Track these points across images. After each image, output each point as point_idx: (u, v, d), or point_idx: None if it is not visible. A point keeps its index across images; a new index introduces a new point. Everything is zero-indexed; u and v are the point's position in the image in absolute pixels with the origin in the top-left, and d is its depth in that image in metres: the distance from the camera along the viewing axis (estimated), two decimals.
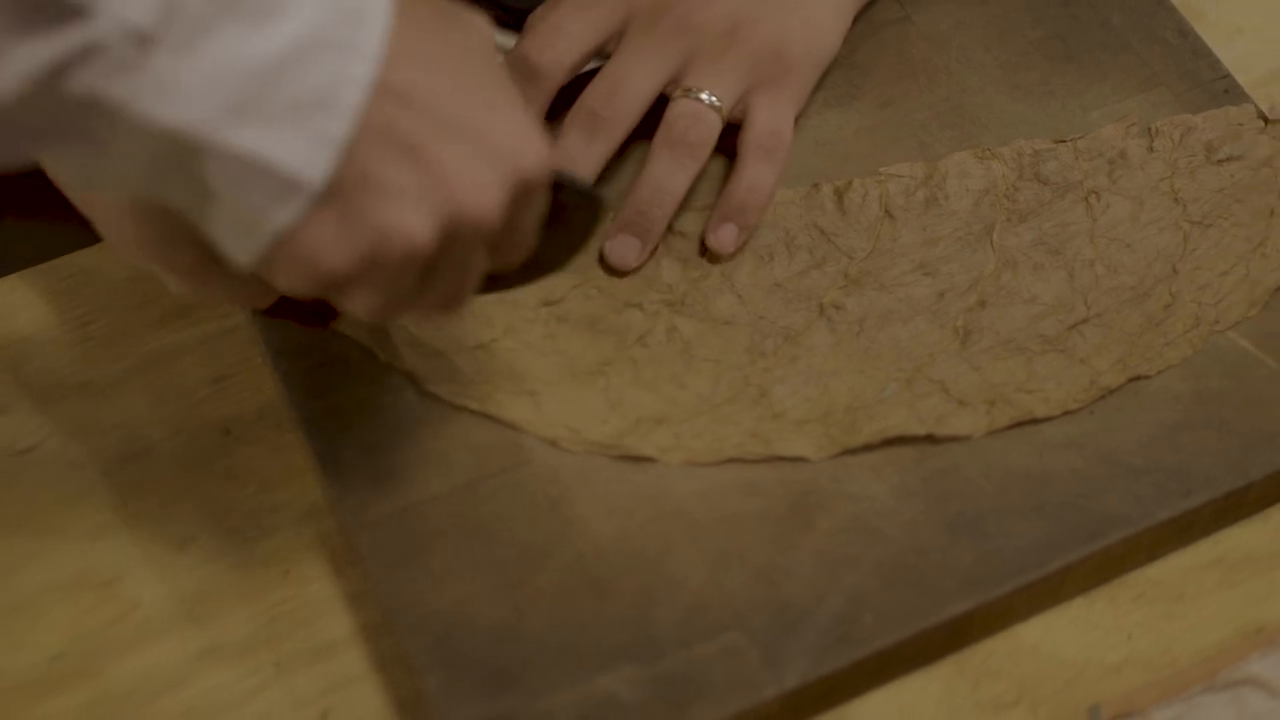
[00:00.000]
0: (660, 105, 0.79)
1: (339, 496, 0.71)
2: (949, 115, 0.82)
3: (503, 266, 0.65)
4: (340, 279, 0.59)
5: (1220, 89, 0.83)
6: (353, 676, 0.71)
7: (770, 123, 0.78)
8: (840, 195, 0.79)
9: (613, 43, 0.79)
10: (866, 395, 0.73)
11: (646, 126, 0.79)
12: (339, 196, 0.57)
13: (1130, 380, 0.74)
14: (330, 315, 0.72)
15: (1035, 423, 0.73)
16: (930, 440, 0.72)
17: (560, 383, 0.74)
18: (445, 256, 0.61)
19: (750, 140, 0.78)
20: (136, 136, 0.55)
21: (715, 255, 0.77)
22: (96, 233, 0.68)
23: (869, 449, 0.72)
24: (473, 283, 0.64)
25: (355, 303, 0.62)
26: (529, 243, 0.65)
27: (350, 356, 0.75)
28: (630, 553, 0.70)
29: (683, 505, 0.71)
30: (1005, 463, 0.72)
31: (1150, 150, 0.80)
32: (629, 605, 0.69)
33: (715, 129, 0.78)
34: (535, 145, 0.61)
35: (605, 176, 0.80)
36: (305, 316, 0.71)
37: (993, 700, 0.70)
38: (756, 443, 0.72)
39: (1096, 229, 0.78)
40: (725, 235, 0.77)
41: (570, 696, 0.66)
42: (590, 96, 0.78)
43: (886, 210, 0.78)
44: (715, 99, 0.78)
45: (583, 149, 0.78)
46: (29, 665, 0.71)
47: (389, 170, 0.58)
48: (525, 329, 0.75)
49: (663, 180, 0.77)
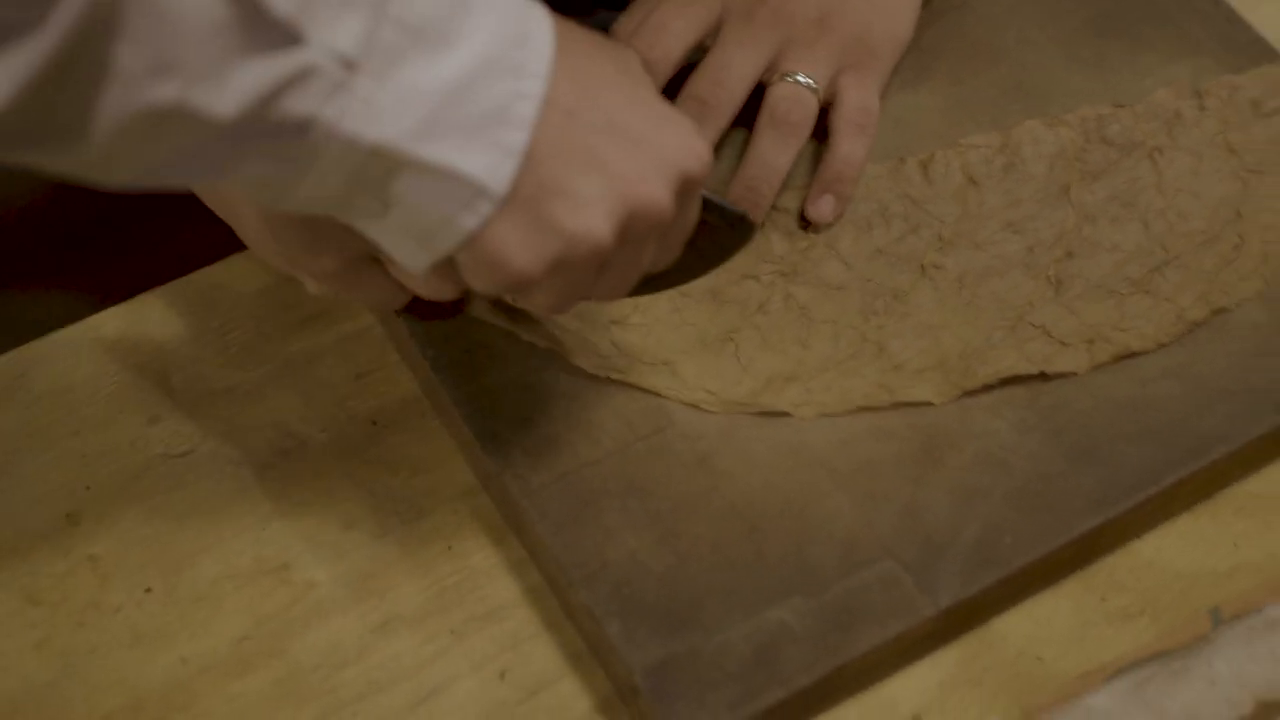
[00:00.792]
0: (754, 94, 0.85)
1: (500, 469, 0.76)
2: (1014, 91, 0.88)
3: (658, 265, 0.71)
4: (528, 279, 0.64)
5: (1257, 50, 0.90)
6: (524, 636, 0.75)
7: (860, 101, 0.84)
8: (925, 167, 0.85)
9: (710, 37, 0.85)
10: (976, 343, 0.79)
11: (742, 115, 0.85)
12: (525, 203, 0.62)
13: (1213, 313, 0.80)
14: (456, 310, 0.77)
15: (1132, 356, 0.79)
16: (1041, 378, 0.78)
17: (693, 351, 0.79)
18: (619, 252, 0.66)
19: (843, 117, 0.84)
20: (340, 155, 0.59)
21: (815, 225, 0.83)
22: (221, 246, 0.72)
23: (986, 390, 0.78)
24: (637, 277, 0.69)
25: (535, 300, 0.67)
26: (685, 240, 0.70)
27: (493, 341, 0.79)
28: (779, 500, 0.75)
29: (821, 454, 0.76)
30: (1111, 394, 0.78)
31: (1202, 109, 0.87)
32: (785, 546, 0.74)
33: (814, 109, 0.84)
34: (698, 146, 0.67)
35: None
36: (432, 313, 0.77)
37: (1120, 611, 0.75)
38: (882, 392, 0.78)
39: (1163, 182, 0.84)
40: (824, 206, 0.83)
41: (744, 630, 0.71)
42: (696, 85, 0.84)
43: (970, 178, 0.84)
44: (812, 81, 0.84)
45: None
46: (216, 649, 0.74)
47: (570, 177, 0.63)
48: (652, 306, 0.80)
49: (769, 158, 0.83)
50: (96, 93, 0.53)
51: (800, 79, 0.84)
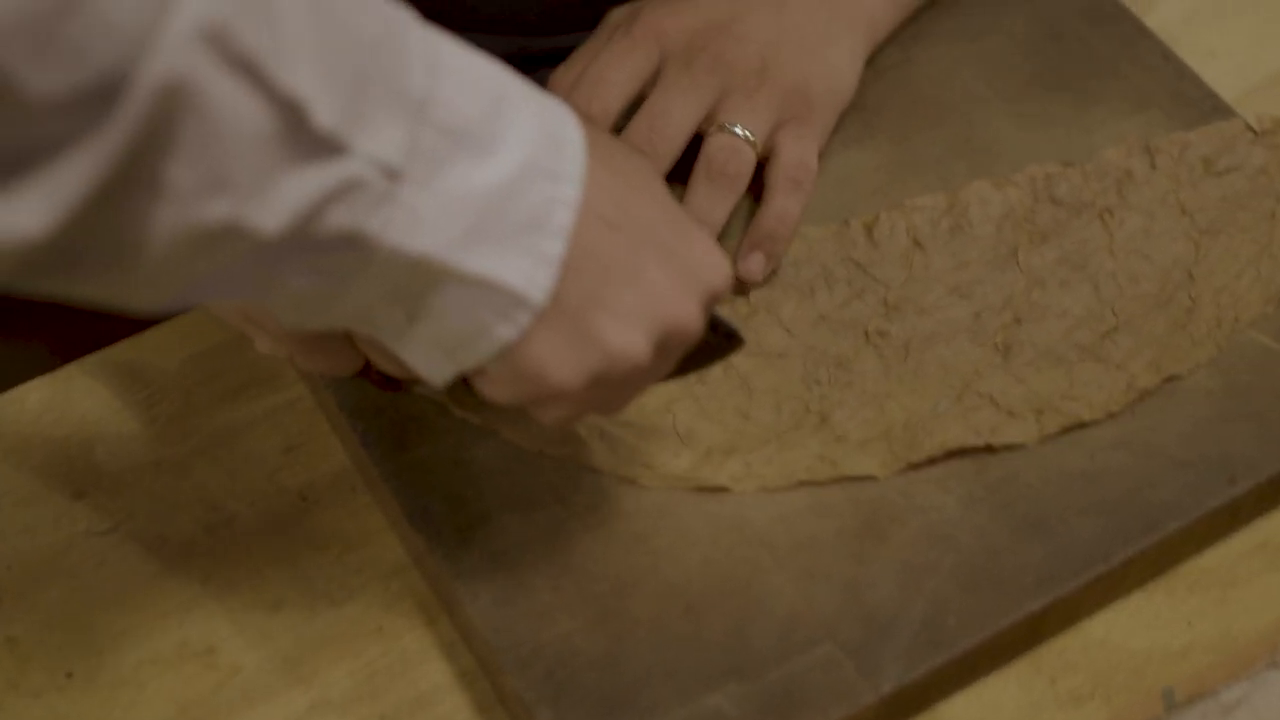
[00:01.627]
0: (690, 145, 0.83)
1: (430, 548, 0.73)
2: (960, 148, 0.86)
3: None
4: (564, 394, 0.63)
5: (1208, 106, 0.88)
6: None
7: (797, 156, 0.82)
8: (869, 229, 0.83)
9: (650, 85, 0.83)
10: (921, 412, 0.77)
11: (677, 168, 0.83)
12: (566, 315, 0.61)
13: (1165, 380, 0.78)
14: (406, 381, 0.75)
15: (1083, 427, 0.77)
16: (988, 450, 0.76)
17: (630, 423, 0.77)
18: (648, 369, 0.65)
19: (779, 172, 0.82)
20: (383, 268, 0.57)
21: (744, 284, 0.81)
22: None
23: (931, 463, 0.76)
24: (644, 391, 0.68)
25: (550, 413, 0.65)
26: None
27: (424, 413, 0.77)
28: (718, 578, 0.73)
29: (761, 531, 0.74)
30: (1060, 466, 0.76)
31: (1153, 167, 0.85)
32: (724, 627, 0.71)
33: (751, 162, 0.82)
34: (723, 265, 0.66)
35: None
36: (387, 383, 0.74)
37: (1070, 693, 0.73)
38: (825, 465, 0.76)
39: (1114, 243, 0.82)
40: (754, 263, 0.80)
41: (679, 717, 0.69)
42: (634, 132, 0.82)
43: (915, 240, 0.82)
44: (750, 133, 0.82)
45: None
46: None
47: (610, 290, 0.61)
48: None
49: (703, 212, 0.81)
50: (148, 212, 0.51)
51: (738, 130, 0.82)
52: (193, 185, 0.51)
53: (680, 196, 0.82)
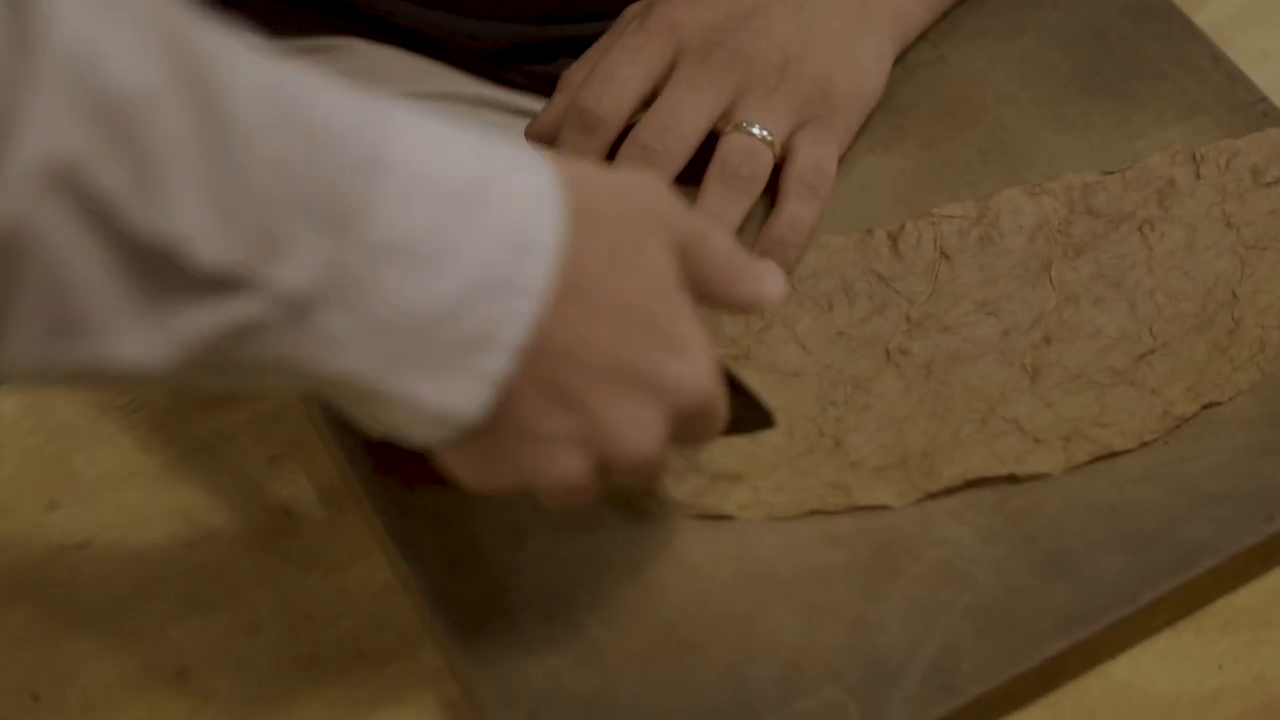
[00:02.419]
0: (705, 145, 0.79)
1: (414, 574, 0.70)
2: (993, 152, 0.82)
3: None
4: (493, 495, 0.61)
5: (1259, 112, 0.83)
6: None
7: (815, 159, 0.78)
8: (894, 239, 0.78)
9: (663, 81, 0.78)
10: (942, 438, 0.72)
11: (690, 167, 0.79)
12: (494, 433, 0.57)
13: (1203, 408, 0.73)
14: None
15: (1112, 456, 0.72)
16: (1010, 480, 0.72)
17: None
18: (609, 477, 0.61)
19: (794, 176, 0.78)
20: (302, 378, 0.54)
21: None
22: None
23: (949, 492, 0.71)
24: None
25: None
26: (709, 440, 0.65)
27: None
28: (717, 613, 0.69)
29: (766, 561, 0.70)
30: (1087, 497, 0.71)
31: (1198, 177, 0.80)
32: (721, 666, 0.67)
33: (768, 164, 0.78)
34: (699, 374, 0.60)
35: None
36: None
37: None
38: (837, 494, 0.71)
39: (1154, 258, 0.77)
40: None
41: None
42: (643, 131, 0.77)
43: (942, 252, 0.78)
44: (767, 134, 0.77)
45: None
46: None
47: (544, 419, 0.57)
48: None
49: (717, 214, 0.76)
50: (10, 344, 0.48)
51: (755, 130, 0.77)
52: (46, 326, 0.48)
53: (693, 198, 0.78)
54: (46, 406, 0.78)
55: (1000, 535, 0.70)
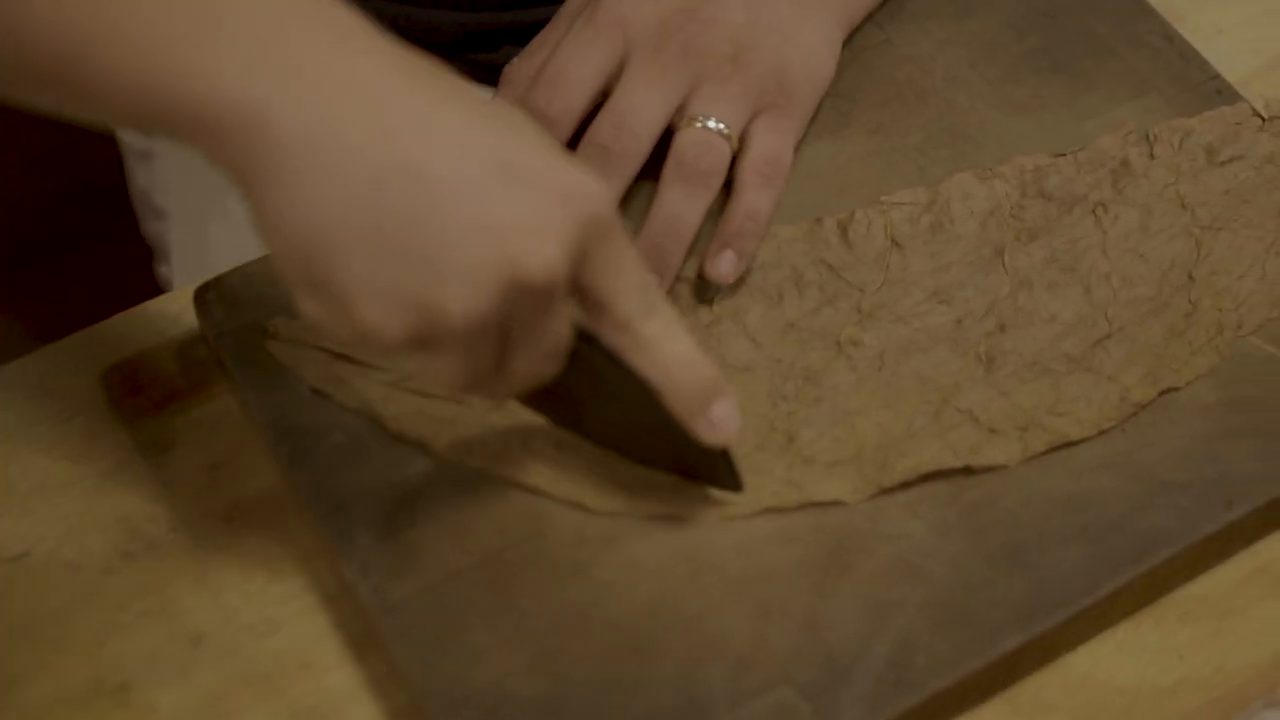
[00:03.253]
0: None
1: (357, 580, 0.68)
2: (942, 135, 0.80)
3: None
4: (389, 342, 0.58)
5: (1212, 90, 0.81)
6: None
7: (770, 149, 0.76)
8: (844, 228, 0.76)
9: (615, 78, 0.77)
10: (896, 431, 0.71)
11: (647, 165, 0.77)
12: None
13: (1160, 394, 0.72)
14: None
15: (1069, 445, 0.71)
16: (965, 472, 0.70)
17: (578, 441, 0.71)
18: (516, 319, 0.59)
19: (749, 166, 0.76)
20: None
21: (715, 286, 0.75)
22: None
23: (904, 486, 0.70)
24: (556, 350, 0.62)
25: (434, 370, 0.61)
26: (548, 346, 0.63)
27: (356, 430, 0.72)
28: (668, 614, 0.67)
29: (715, 561, 0.68)
30: (1042, 488, 0.70)
31: (1151, 157, 0.78)
32: (673, 668, 0.66)
33: (726, 157, 0.76)
34: (597, 186, 0.59)
35: None
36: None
37: None
38: (791, 490, 0.70)
39: (1108, 241, 0.76)
40: (724, 263, 0.74)
41: None
42: (598, 131, 0.75)
43: (893, 240, 0.76)
44: (724, 126, 0.75)
45: None
46: None
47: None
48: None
49: (677, 212, 0.74)
50: None
51: (711, 124, 0.76)
52: None
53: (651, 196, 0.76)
54: None
55: (955, 529, 0.69)
